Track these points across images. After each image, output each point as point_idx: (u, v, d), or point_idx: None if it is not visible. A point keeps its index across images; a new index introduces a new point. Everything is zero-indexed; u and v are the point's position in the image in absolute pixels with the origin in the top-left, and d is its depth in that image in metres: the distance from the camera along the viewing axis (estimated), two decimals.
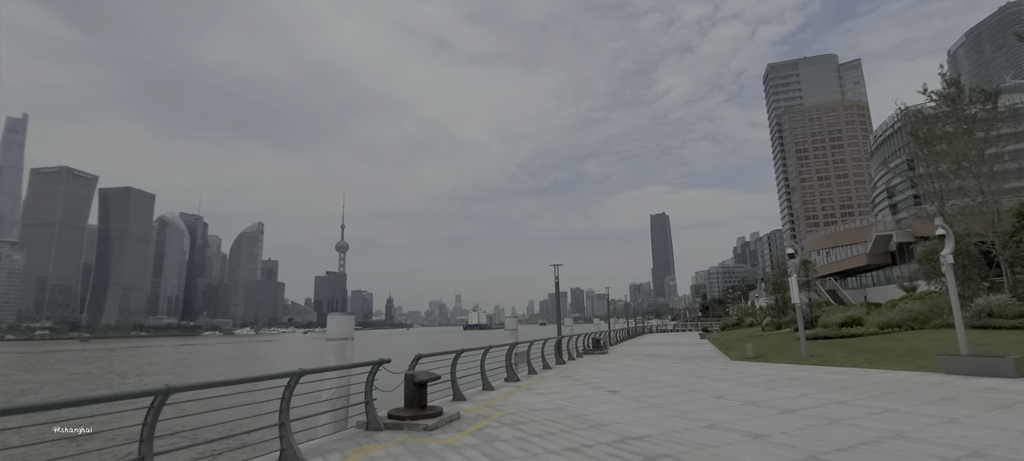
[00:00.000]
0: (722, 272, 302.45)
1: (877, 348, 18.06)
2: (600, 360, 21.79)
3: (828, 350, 19.15)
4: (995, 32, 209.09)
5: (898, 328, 21.52)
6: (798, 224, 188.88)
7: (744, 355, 19.97)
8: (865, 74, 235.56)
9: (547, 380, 14.90)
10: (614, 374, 16.07)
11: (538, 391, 12.53)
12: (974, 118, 27.86)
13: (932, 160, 30.30)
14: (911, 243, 42.35)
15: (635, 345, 33.89)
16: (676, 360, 20.59)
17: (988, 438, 6.40)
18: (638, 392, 11.78)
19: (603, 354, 25.82)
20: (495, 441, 7.22)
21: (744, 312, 61.42)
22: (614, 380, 14.38)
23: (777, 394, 10.75)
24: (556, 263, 21.45)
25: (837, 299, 49.73)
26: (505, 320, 20.29)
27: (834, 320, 23.80)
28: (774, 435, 7.04)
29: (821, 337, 22.25)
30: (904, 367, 14.23)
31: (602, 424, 8.20)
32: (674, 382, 13.40)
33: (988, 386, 10.47)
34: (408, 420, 8.24)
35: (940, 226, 14.79)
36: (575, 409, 9.71)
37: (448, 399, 11.26)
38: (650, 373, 15.97)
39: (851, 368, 14.89)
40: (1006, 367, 11.81)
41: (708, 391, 11.56)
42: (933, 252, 29.29)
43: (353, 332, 10.00)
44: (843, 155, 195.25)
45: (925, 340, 18.39)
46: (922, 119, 30.77)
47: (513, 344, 15.50)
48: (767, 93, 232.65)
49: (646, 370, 16.99)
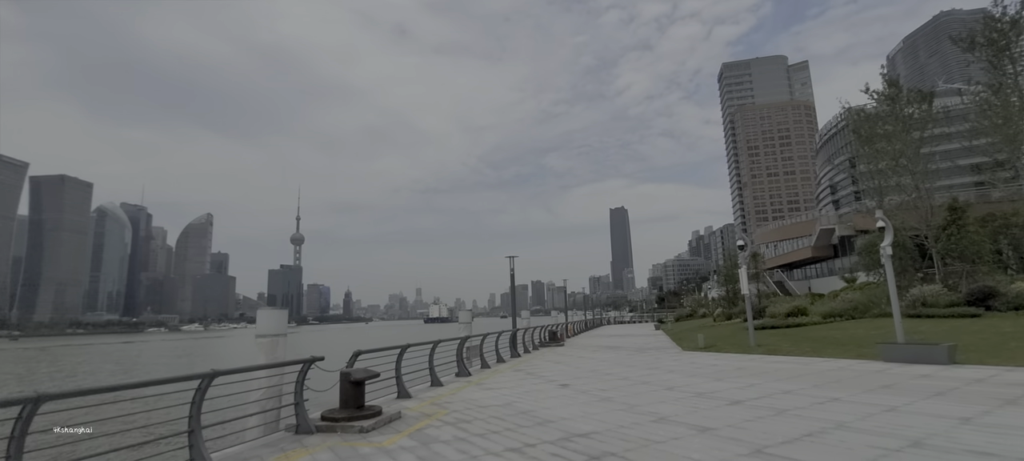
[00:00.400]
0: (678, 265, 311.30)
1: (820, 337, 18.62)
2: (556, 353, 21.64)
3: (775, 339, 19.62)
4: (929, 39, 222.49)
5: (840, 317, 22.33)
6: (749, 218, 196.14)
7: (696, 345, 20.22)
8: (812, 76, 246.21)
9: (500, 374, 14.53)
10: (568, 367, 15.87)
11: (488, 386, 12.14)
12: (911, 118, 29.23)
13: (872, 158, 31.67)
14: (852, 236, 44.33)
15: (592, 337, 34.06)
16: (630, 352, 20.66)
17: (927, 426, 6.43)
18: (589, 385, 11.56)
19: (560, 346, 25.71)
20: (433, 443, 6.76)
21: (697, 303, 63.07)
22: (567, 373, 14.16)
23: (726, 385, 10.74)
24: (511, 255, 21.14)
25: (784, 290, 51.68)
26: (459, 313, 19.79)
27: (781, 310, 24.51)
28: (721, 428, 6.88)
29: (769, 327, 22.85)
30: (846, 355, 14.63)
31: (549, 420, 7.87)
32: (626, 374, 13.28)
33: (924, 373, 10.79)
34: (342, 422, 7.67)
35: (880, 219, 15.27)
36: (523, 405, 9.36)
37: (392, 397, 10.72)
38: (603, 365, 15.86)
39: (797, 357, 15.21)
40: (939, 354, 12.25)
41: (659, 383, 11.46)
42: (872, 245, 30.66)
43: (285, 328, 9.31)
44: (791, 153, 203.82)
45: (865, 329, 19.10)
46: (864, 118, 32.09)
47: (465, 338, 15.04)
48: (721, 91, 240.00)
49: (600, 362, 16.89)
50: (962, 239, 20.71)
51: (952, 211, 21.29)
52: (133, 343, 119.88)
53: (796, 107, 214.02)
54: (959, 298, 19.00)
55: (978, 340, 14.35)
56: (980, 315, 17.50)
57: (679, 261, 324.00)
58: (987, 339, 14.34)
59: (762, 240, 68.57)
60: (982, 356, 12.39)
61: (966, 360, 12.13)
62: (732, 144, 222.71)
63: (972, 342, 14.07)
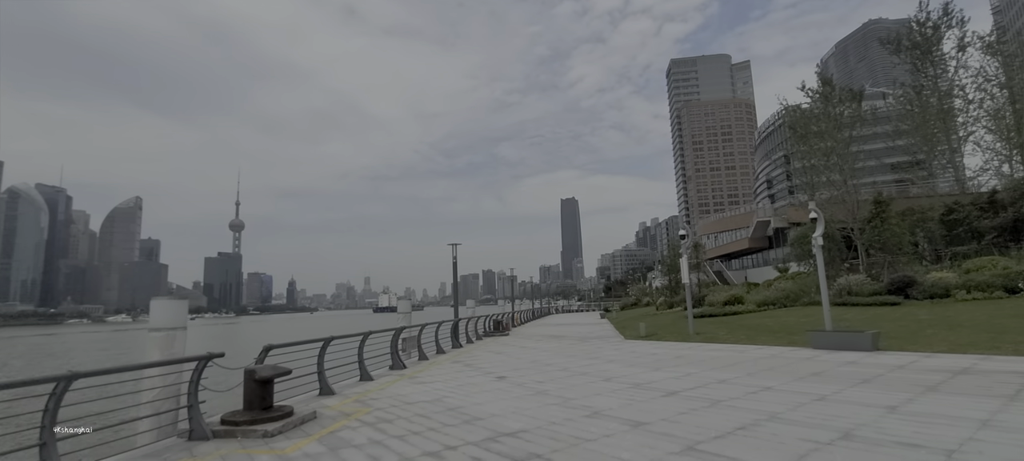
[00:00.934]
0: (625, 255, 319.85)
1: (755, 325, 19.12)
2: (499, 342, 21.21)
3: (712, 328, 20.01)
4: (858, 45, 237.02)
5: (773, 306, 23.12)
6: (692, 211, 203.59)
7: (637, 334, 20.33)
8: (753, 75, 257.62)
9: (437, 366, 13.90)
10: (508, 358, 15.45)
11: (422, 380, 11.49)
12: (841, 116, 30.62)
13: (806, 154, 33.05)
14: (786, 228, 46.47)
15: (538, 326, 33.97)
16: (573, 341, 20.52)
17: (856, 416, 6.35)
18: (527, 377, 11.14)
19: (504, 336, 25.34)
20: (344, 448, 6.07)
21: (642, 292, 64.60)
22: (506, 364, 13.72)
23: (663, 374, 10.60)
24: (454, 243, 20.44)
25: (723, 280, 53.67)
26: (398, 302, 18.98)
27: (719, 299, 25.15)
28: (655, 422, 6.57)
29: (707, 315, 23.36)
30: (778, 342, 14.96)
31: (477, 418, 7.34)
32: (566, 365, 12.97)
33: (850, 360, 11.04)
34: (244, 426, 6.83)
35: (813, 211, 15.66)
36: (454, 400, 8.80)
37: (314, 394, 9.89)
38: (544, 355, 15.54)
39: (732, 345, 15.44)
40: (864, 341, 12.65)
41: (597, 374, 11.19)
42: (804, 236, 32.03)
43: (185, 320, 8.29)
44: (732, 148, 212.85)
45: (796, 317, 19.79)
46: (800, 115, 33.39)
47: (400, 328, 14.29)
48: (669, 87, 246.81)
49: (541, 352, 16.58)
50: (885, 231, 21.90)
51: (877, 204, 22.48)
52: (53, 335, 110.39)
53: (738, 105, 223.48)
54: (881, 287, 20.02)
55: (898, 327, 15.02)
56: (900, 303, 18.48)
57: (627, 251, 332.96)
58: (906, 326, 15.04)
59: (703, 231, 70.99)
60: (902, 343, 12.89)
61: (888, 347, 12.58)
62: (678, 139, 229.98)
63: (893, 329, 14.70)
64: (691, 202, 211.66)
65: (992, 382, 8.03)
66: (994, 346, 11.29)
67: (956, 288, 18.21)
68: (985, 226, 22.88)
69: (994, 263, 18.97)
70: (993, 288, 17.63)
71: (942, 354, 11.14)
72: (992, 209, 23.54)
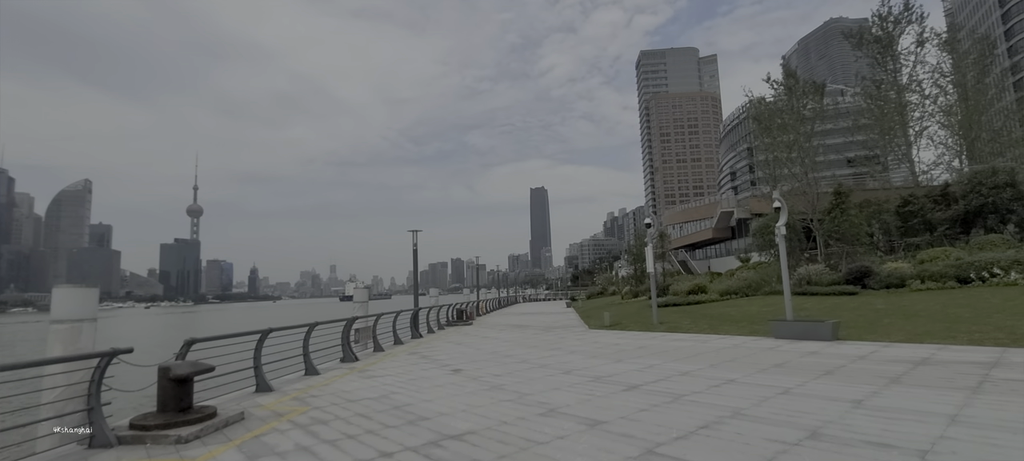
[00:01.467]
0: (593, 244, 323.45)
1: (718, 314, 19.11)
2: (461, 332, 20.62)
3: (676, 317, 19.92)
4: (820, 43, 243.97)
5: (735, 295, 23.28)
6: (659, 201, 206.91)
7: (601, 324, 20.07)
8: (719, 70, 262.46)
9: (392, 358, 13.21)
10: (468, 349, 14.87)
11: (372, 374, 10.79)
12: (804, 108, 31.07)
13: (770, 146, 33.50)
14: (748, 219, 47.33)
15: (503, 315, 33.53)
16: (537, 331, 20.11)
17: (822, 412, 6.03)
18: (484, 370, 10.59)
19: (467, 326, 24.77)
20: (266, 455, 5.37)
21: (608, 281, 65.04)
22: (465, 356, 13.14)
23: (625, 366, 10.21)
24: (415, 229, 19.64)
25: (687, 269, 54.45)
26: (354, 291, 18.13)
27: (683, 288, 25.20)
28: (613, 421, 6.11)
29: (671, 304, 23.33)
30: (741, 332, 14.87)
31: (423, 418, 6.73)
32: (525, 356, 12.48)
33: (812, 350, 10.91)
34: (154, 430, 6.04)
35: (777, 200, 15.57)
36: (402, 397, 8.16)
37: (250, 391, 9.08)
38: (505, 346, 15.03)
39: (695, 334, 15.27)
40: (825, 331, 12.60)
41: (558, 366, 10.73)
42: (766, 227, 32.52)
43: (94, 311, 7.34)
44: (698, 141, 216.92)
45: (757, 306, 19.88)
46: (764, 107, 33.76)
47: (352, 318, 13.51)
48: (639, 78, 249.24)
49: (503, 343, 16.07)
50: (844, 222, 22.28)
51: (837, 195, 22.85)
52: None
53: (704, 98, 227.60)
54: (839, 277, 20.34)
55: (856, 317, 15.13)
56: (857, 293, 18.77)
57: (594, 241, 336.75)
58: (864, 315, 15.17)
59: (669, 222, 71.88)
60: (861, 332, 12.92)
61: (847, 336, 12.56)
62: (646, 130, 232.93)
63: (851, 319, 14.79)
64: (658, 193, 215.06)
65: (953, 373, 7.91)
66: (949, 336, 11.35)
67: (911, 278, 18.62)
68: (938, 218, 23.62)
69: (946, 254, 19.50)
70: (946, 278, 18.07)
71: (900, 344, 11.13)
72: (945, 202, 24.31)
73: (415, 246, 19.64)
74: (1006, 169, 22.96)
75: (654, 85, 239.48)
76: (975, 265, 17.81)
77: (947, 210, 23.57)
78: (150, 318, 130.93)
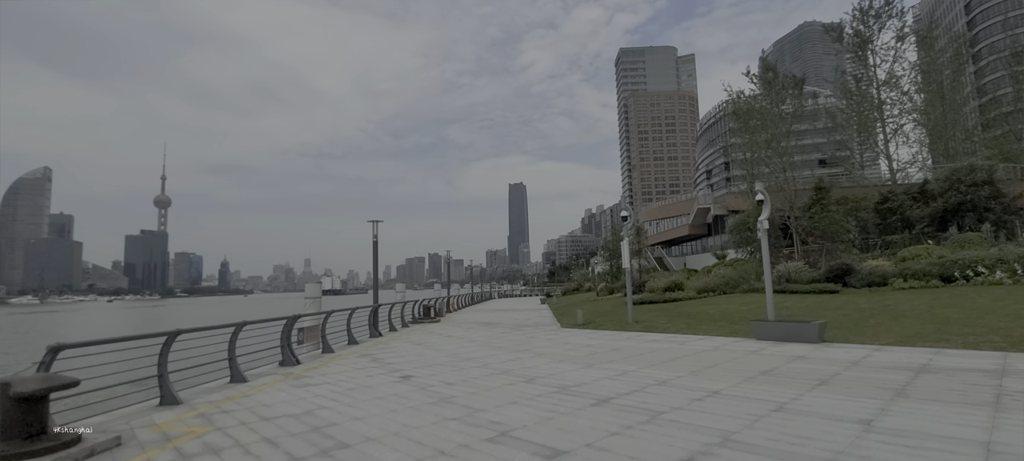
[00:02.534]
0: (571, 241, 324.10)
1: (695, 313, 18.21)
2: (425, 331, 19.31)
3: (652, 315, 18.96)
4: (794, 45, 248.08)
5: (713, 293, 22.49)
6: (636, 198, 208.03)
7: (574, 322, 18.99)
8: (697, 69, 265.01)
9: (339, 361, 11.85)
10: (426, 349, 13.59)
11: (309, 381, 9.44)
12: (782, 103, 30.51)
13: (749, 143, 32.93)
14: (725, 215, 47.01)
15: (474, 312, 32.27)
16: (506, 329, 18.91)
17: (829, 439, 4.95)
18: (437, 377, 9.33)
19: (434, 323, 23.45)
20: None
21: (584, 278, 64.37)
22: (421, 359, 11.86)
23: (596, 373, 9.08)
24: (375, 220, 18.17)
25: (663, 266, 53.99)
26: (307, 285, 16.64)
27: (659, 285, 24.32)
28: (576, 450, 4.92)
29: (647, 302, 22.42)
30: (720, 332, 13.93)
31: (343, 445, 5.45)
32: (487, 360, 11.26)
33: (799, 354, 9.96)
34: None
35: (760, 193, 14.65)
36: (330, 414, 6.85)
37: (153, 404, 7.65)
38: (469, 347, 13.79)
39: (672, 335, 14.28)
40: (810, 333, 11.71)
41: (521, 372, 9.54)
42: (743, 223, 31.95)
43: None
44: (675, 139, 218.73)
45: (736, 304, 19.06)
46: (744, 102, 33.16)
47: (294, 317, 12.07)
48: (618, 75, 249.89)
49: (467, 343, 14.83)
50: (824, 218, 21.68)
51: (818, 191, 22.23)
52: None
53: (682, 97, 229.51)
54: (819, 275, 19.68)
55: (840, 316, 14.35)
56: (838, 291, 18.09)
57: (572, 237, 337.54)
58: (848, 315, 14.39)
59: (645, 218, 71.52)
60: (848, 334, 12.08)
61: (834, 338, 11.70)
62: (625, 127, 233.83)
63: (836, 319, 13.99)
64: (635, 190, 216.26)
65: (961, 384, 6.97)
66: (942, 338, 10.54)
67: (893, 276, 18.02)
68: (916, 216, 23.25)
69: (929, 252, 19.01)
70: (929, 277, 17.52)
71: (892, 347, 10.27)
72: (923, 199, 24.00)
73: (375, 237, 18.21)
74: (984, 167, 22.75)
75: (633, 83, 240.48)
76: (959, 263, 17.29)
77: (925, 208, 23.26)
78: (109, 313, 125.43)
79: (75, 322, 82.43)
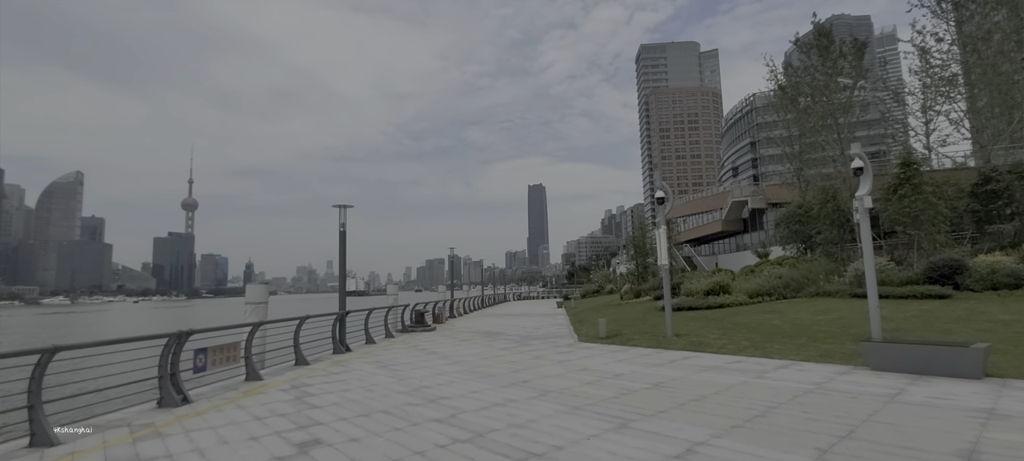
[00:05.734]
0: (591, 242, 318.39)
1: (755, 324, 13.96)
2: (407, 344, 15.46)
3: (696, 325, 14.77)
4: None
5: (768, 297, 18.11)
6: None
7: (595, 334, 14.91)
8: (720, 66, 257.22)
9: (249, 398, 8.06)
10: (388, 376, 9.71)
11: (164, 434, 5.62)
12: (842, 71, 25.86)
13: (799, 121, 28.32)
14: (764, 209, 42.19)
15: (480, 317, 28.34)
16: (509, 342, 14.92)
17: None
18: (365, 448, 5.42)
19: (428, 332, 19.62)
20: None
21: (605, 279, 59.93)
22: (367, 399, 7.98)
23: (635, 444, 5.06)
24: (343, 204, 14.38)
25: (692, 266, 49.31)
26: (247, 287, 12.98)
27: (699, 287, 20.01)
28: None
29: (686, 308, 18.18)
30: (804, 355, 9.74)
31: None
32: (461, 404, 7.28)
33: (980, 407, 5.76)
34: None
35: (858, 158, 10.37)
36: None
37: None
38: (446, 375, 9.85)
39: (735, 357, 10.14)
40: (965, 362, 7.47)
41: (505, 437, 5.56)
42: (792, 215, 27.38)
43: None
44: (698, 136, 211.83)
45: (807, 312, 14.71)
46: (792, 72, 28.65)
47: (179, 333, 8.28)
48: (638, 73, 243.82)
49: (449, 365, 10.90)
50: (917, 202, 17.03)
51: (905, 168, 17.64)
52: None
53: (705, 93, 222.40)
54: (916, 274, 15.21)
55: (981, 333, 9.97)
56: (950, 296, 13.62)
57: (592, 238, 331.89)
58: (994, 332, 10.00)
59: (673, 214, 66.70)
60: (1017, 362, 7.81)
61: (1001, 370, 7.46)
62: (646, 125, 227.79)
63: (978, 336, 9.62)
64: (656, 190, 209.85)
65: None
66: None
67: None
68: None
69: None
70: None
71: None
72: None
73: (342, 227, 14.43)
74: None
75: (654, 80, 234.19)
76: None
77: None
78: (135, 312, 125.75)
79: (88, 322, 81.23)
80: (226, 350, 9.24)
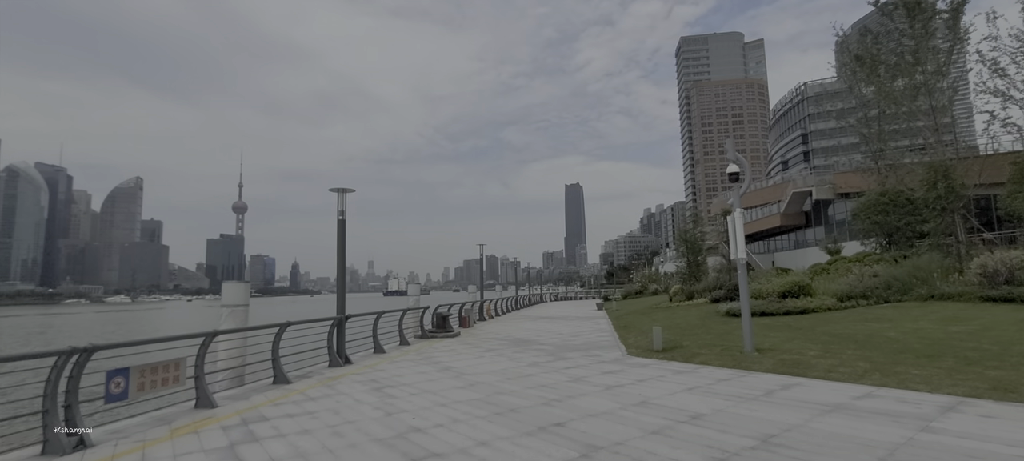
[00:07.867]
0: (629, 241, 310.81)
1: (861, 335, 10.77)
2: (421, 355, 13.02)
3: (780, 337, 11.68)
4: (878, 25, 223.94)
5: (865, 300, 14.73)
6: (700, 195, 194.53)
7: (648, 345, 12.04)
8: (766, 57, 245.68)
9: (185, 436, 5.73)
10: (379, 404, 7.23)
11: None
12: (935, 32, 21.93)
13: (881, 95, 24.35)
14: (830, 200, 37.85)
15: (513, 320, 25.75)
16: (541, 354, 12.24)
17: None
18: None
19: (451, 337, 17.19)
20: None
21: (648, 279, 56.25)
22: (340, 440, 5.50)
23: None
24: (342, 188, 12.12)
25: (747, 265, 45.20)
26: (224, 285, 10.82)
27: (772, 288, 16.69)
28: None
29: (758, 313, 15.02)
30: (972, 389, 6.66)
31: None
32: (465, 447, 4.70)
33: None
34: None
35: None
36: None
37: None
38: (458, 402, 7.29)
39: (858, 386, 7.13)
40: None
41: None
42: (873, 204, 23.57)
43: None
44: (743, 131, 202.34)
45: (928, 321, 11.38)
46: (871, 36, 24.72)
47: (72, 352, 6.05)
48: (678, 66, 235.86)
49: (462, 388, 8.34)
50: None
51: None
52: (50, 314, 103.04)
53: (750, 85, 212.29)
54: None
55: None
56: None
57: (631, 238, 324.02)
58: None
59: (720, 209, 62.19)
60: None
61: None
62: (686, 120, 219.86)
63: None
64: (699, 186, 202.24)
65: None
66: None
67: None
68: None
69: None
70: None
71: None
72: None
73: (341, 215, 12.16)
74: None
75: (695, 73, 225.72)
76: None
77: None
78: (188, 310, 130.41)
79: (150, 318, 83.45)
80: (161, 370, 6.97)
